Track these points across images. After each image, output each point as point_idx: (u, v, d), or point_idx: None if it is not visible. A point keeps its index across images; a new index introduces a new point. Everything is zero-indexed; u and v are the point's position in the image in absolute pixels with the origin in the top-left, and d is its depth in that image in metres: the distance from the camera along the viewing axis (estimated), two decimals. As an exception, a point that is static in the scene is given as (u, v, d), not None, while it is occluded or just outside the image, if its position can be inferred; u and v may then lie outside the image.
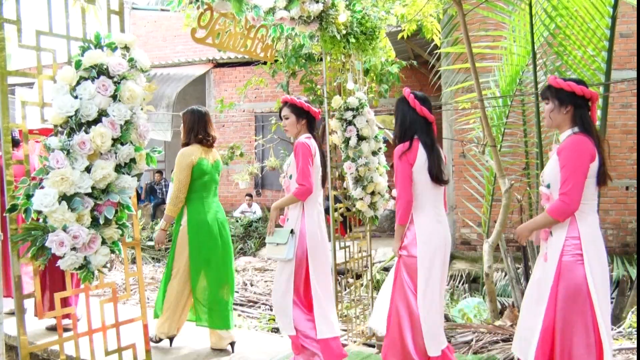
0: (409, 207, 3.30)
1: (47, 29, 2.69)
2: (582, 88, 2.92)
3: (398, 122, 3.44)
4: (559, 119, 2.99)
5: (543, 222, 2.95)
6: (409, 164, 3.28)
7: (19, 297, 2.56)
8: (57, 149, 2.52)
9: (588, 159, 2.85)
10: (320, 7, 4.09)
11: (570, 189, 2.82)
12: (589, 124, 2.94)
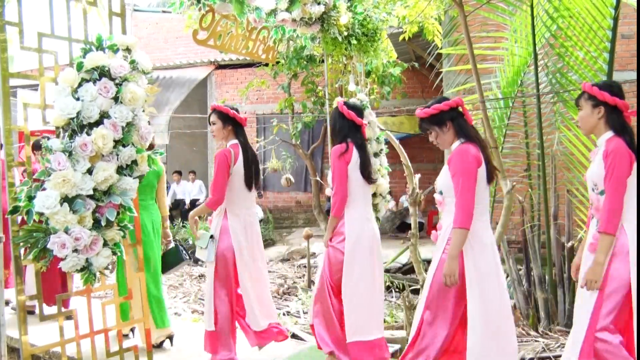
0: (344, 201, 3.67)
1: (49, 31, 2.69)
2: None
3: (333, 127, 3.86)
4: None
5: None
6: (345, 162, 3.65)
7: (21, 299, 2.56)
8: (58, 150, 2.52)
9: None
10: (322, 9, 4.10)
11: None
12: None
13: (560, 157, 6.01)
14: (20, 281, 2.57)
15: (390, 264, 8.93)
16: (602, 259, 2.85)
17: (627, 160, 2.86)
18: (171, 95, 12.53)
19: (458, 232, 3.00)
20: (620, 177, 2.85)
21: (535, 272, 5.75)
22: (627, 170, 2.86)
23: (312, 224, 12.25)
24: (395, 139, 6.70)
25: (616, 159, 2.86)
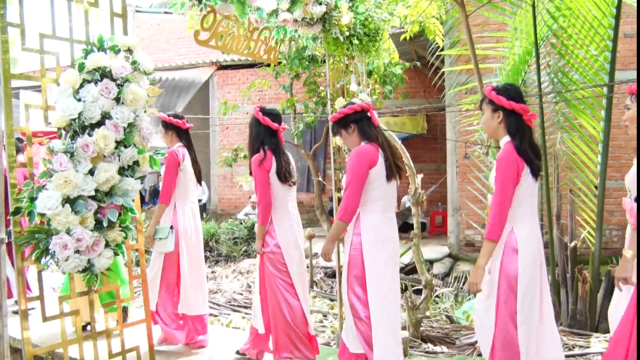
0: (268, 209, 3.80)
1: (50, 32, 2.70)
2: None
3: (250, 134, 4.00)
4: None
5: None
6: (265, 170, 3.77)
7: (23, 300, 2.56)
8: (60, 151, 2.52)
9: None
10: (323, 9, 4.09)
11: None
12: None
13: (563, 157, 6.01)
14: (22, 282, 2.57)
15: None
16: (483, 263, 2.90)
17: (513, 167, 2.89)
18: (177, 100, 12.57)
19: (338, 223, 3.35)
20: (504, 185, 2.88)
21: (537, 272, 5.73)
22: (511, 177, 2.90)
23: (314, 224, 12.25)
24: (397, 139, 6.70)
25: (501, 167, 2.92)
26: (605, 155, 5.48)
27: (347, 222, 3.33)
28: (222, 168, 12.95)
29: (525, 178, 2.93)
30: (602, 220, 5.53)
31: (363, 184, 3.28)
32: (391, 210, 3.47)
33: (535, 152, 3.03)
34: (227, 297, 7.92)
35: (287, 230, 3.86)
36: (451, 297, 7.57)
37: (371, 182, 3.30)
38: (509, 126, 3.02)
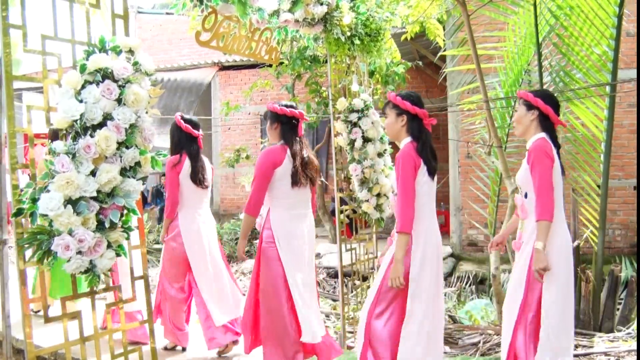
0: (175, 205, 4.31)
1: (52, 33, 2.70)
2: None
3: (172, 138, 4.41)
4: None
5: None
6: (176, 173, 4.25)
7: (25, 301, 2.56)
8: (62, 152, 2.52)
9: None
10: (325, 10, 4.09)
11: None
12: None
13: (566, 157, 5.99)
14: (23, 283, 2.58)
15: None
16: (399, 257, 3.10)
17: (411, 163, 3.14)
18: (180, 102, 12.57)
19: (244, 217, 3.66)
20: (404, 179, 3.12)
21: (540, 271, 5.72)
22: (410, 172, 3.14)
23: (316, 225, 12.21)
24: (399, 139, 6.70)
25: (399, 163, 3.16)
26: (607, 155, 5.46)
27: (251, 215, 3.60)
28: (225, 169, 12.94)
29: (422, 176, 3.19)
30: (605, 220, 5.52)
31: (267, 180, 3.61)
32: (302, 207, 3.78)
33: (433, 154, 3.29)
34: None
35: (191, 226, 4.31)
36: (454, 297, 7.57)
37: (276, 181, 3.62)
38: (411, 129, 3.28)
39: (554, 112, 3.24)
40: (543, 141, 3.16)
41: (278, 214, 3.65)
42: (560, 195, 3.16)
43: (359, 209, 4.70)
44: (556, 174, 3.12)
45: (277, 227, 3.63)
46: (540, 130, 3.23)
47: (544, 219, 3.02)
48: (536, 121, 3.24)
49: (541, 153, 3.11)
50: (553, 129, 3.28)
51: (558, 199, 3.13)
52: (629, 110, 8.53)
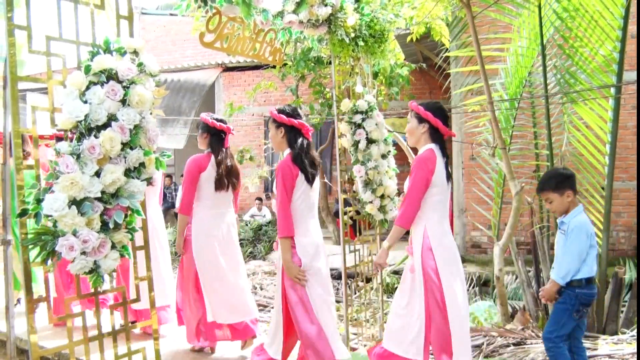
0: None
1: (57, 34, 2.70)
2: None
3: None
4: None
5: None
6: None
7: (29, 301, 2.57)
8: (67, 153, 2.53)
9: None
10: (329, 11, 4.09)
11: None
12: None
13: (570, 158, 5.98)
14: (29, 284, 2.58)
15: (398, 266, 8.91)
16: (288, 257, 3.52)
17: (288, 174, 3.51)
18: (183, 102, 12.59)
19: (179, 217, 4.22)
20: (282, 189, 3.49)
21: (544, 273, 5.72)
22: (289, 182, 3.51)
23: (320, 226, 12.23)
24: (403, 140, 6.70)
25: (278, 174, 3.52)
26: (612, 156, 5.45)
27: (184, 214, 4.19)
28: (228, 170, 12.93)
29: (300, 184, 3.54)
30: (610, 222, 5.50)
31: (194, 183, 4.18)
32: (222, 207, 4.32)
33: (311, 162, 3.62)
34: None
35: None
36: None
37: (202, 184, 4.18)
38: (290, 140, 3.63)
39: (443, 124, 3.44)
40: (427, 153, 3.37)
41: (201, 213, 4.20)
42: (441, 202, 3.40)
43: (363, 211, 4.69)
44: (437, 183, 3.33)
45: (197, 224, 4.19)
46: (430, 142, 3.43)
47: (399, 224, 3.34)
48: (427, 133, 3.44)
49: (420, 164, 3.35)
50: (443, 140, 3.46)
51: (440, 204, 3.39)
52: (634, 112, 8.50)
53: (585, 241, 3.33)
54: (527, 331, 5.04)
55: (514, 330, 5.09)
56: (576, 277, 3.32)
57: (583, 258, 3.32)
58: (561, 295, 3.40)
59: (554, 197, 3.48)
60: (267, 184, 13.76)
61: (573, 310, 3.32)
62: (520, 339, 4.78)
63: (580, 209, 3.47)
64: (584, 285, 3.32)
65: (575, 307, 3.32)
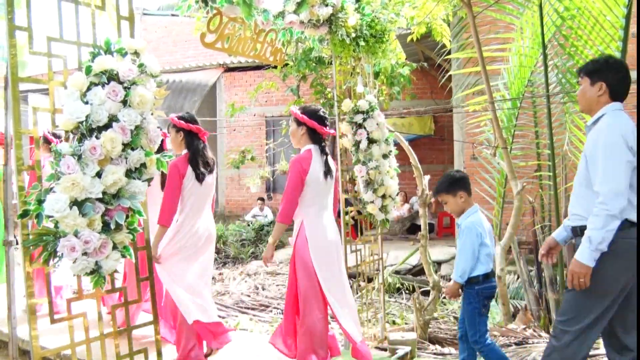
0: None
1: (57, 35, 2.71)
2: None
3: None
4: None
5: None
6: None
7: (31, 302, 2.57)
8: (68, 154, 2.53)
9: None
10: (330, 11, 4.09)
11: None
12: None
13: (571, 157, 5.98)
14: (30, 284, 2.58)
15: (400, 266, 8.92)
16: (156, 242, 3.87)
17: (176, 172, 3.88)
18: (184, 102, 12.61)
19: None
20: (168, 186, 3.88)
21: (546, 273, 5.71)
22: (175, 181, 3.88)
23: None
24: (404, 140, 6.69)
25: (169, 172, 3.83)
26: (613, 156, 5.43)
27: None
28: (230, 170, 12.96)
29: (187, 182, 3.92)
30: (611, 221, 5.48)
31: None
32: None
33: (204, 162, 4.01)
34: (234, 299, 7.93)
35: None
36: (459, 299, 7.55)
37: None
38: (187, 143, 4.01)
39: (320, 125, 3.79)
40: (304, 153, 3.77)
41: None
42: (318, 197, 3.78)
43: (364, 210, 4.69)
44: (311, 180, 3.70)
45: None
46: (309, 143, 3.81)
47: (279, 221, 3.74)
48: (306, 135, 3.82)
49: (294, 164, 3.72)
50: (321, 140, 3.84)
51: (315, 200, 3.77)
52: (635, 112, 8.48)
53: (476, 240, 3.46)
54: (528, 330, 5.04)
55: (516, 329, 5.09)
56: (473, 275, 3.46)
57: (476, 256, 3.47)
58: (464, 293, 3.57)
59: (448, 199, 3.65)
60: (268, 184, 13.76)
61: (480, 307, 3.48)
62: (522, 338, 4.78)
63: (473, 210, 3.62)
64: (482, 281, 3.47)
65: (480, 303, 3.48)
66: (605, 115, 2.90)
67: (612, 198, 2.66)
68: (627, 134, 2.74)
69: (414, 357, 4.45)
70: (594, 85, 2.95)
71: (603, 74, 2.94)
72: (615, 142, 2.73)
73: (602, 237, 2.68)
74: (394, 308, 7.36)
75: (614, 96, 2.95)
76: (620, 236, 2.72)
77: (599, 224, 2.68)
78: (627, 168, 2.69)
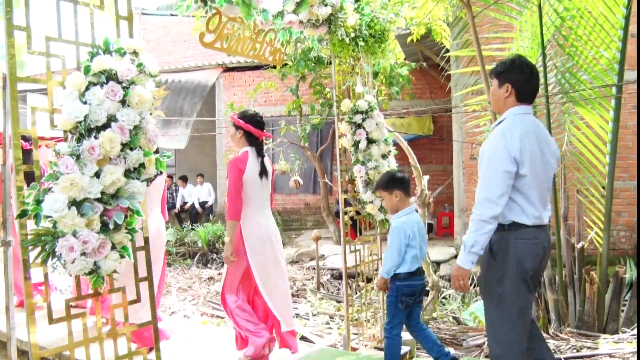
0: None
1: (56, 35, 2.70)
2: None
3: None
4: None
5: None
6: None
7: (29, 303, 2.56)
8: (66, 154, 2.52)
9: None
10: (329, 11, 4.09)
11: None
12: None
13: (570, 158, 5.98)
14: (28, 284, 2.58)
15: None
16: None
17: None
18: (184, 103, 12.60)
19: None
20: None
21: (545, 273, 5.71)
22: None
23: (320, 226, 12.24)
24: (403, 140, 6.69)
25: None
26: (613, 156, 5.45)
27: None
28: (229, 170, 12.93)
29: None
30: (610, 221, 5.50)
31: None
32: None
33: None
34: (233, 299, 7.90)
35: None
36: (458, 299, 7.55)
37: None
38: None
39: (255, 129, 4.00)
40: (240, 155, 3.97)
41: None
42: (255, 196, 3.97)
43: (363, 211, 4.69)
44: (248, 180, 3.90)
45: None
46: (247, 145, 4.01)
47: (229, 218, 3.87)
48: (243, 138, 4.00)
49: (231, 166, 3.89)
50: (258, 143, 4.04)
51: (252, 199, 3.96)
52: (634, 112, 8.49)
53: (403, 240, 3.66)
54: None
55: (515, 330, 5.07)
56: (397, 272, 3.68)
57: (402, 255, 3.68)
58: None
59: (384, 195, 3.88)
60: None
61: (397, 301, 3.70)
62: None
63: (407, 211, 3.79)
64: (404, 279, 3.68)
65: (399, 298, 3.69)
66: (504, 120, 2.98)
67: (484, 205, 2.81)
68: (512, 144, 2.82)
69: (413, 357, 4.45)
70: (502, 86, 3.01)
71: (509, 75, 2.98)
72: (496, 152, 2.84)
73: (475, 241, 2.83)
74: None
75: (520, 97, 3.00)
76: (514, 236, 2.88)
77: (472, 227, 2.84)
78: (504, 177, 2.81)
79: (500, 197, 2.81)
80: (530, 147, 2.86)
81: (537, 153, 2.89)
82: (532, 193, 2.89)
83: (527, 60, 3.05)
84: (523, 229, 2.89)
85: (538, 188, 2.90)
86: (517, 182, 2.85)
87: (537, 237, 2.92)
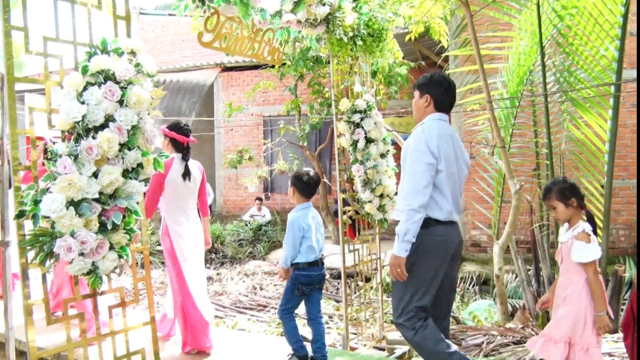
0: None
1: (53, 35, 2.69)
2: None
3: None
4: None
5: None
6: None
7: (27, 303, 2.56)
8: (64, 154, 2.52)
9: None
10: (327, 10, 4.08)
11: None
12: None
13: (569, 156, 5.98)
14: (25, 285, 2.57)
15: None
16: None
17: None
18: (182, 103, 12.58)
19: None
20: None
21: (544, 272, 5.71)
22: None
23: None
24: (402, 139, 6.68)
25: None
26: (612, 155, 5.44)
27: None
28: (227, 170, 12.94)
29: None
30: (609, 220, 5.50)
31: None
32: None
33: None
34: (232, 299, 7.92)
35: None
36: (457, 298, 7.55)
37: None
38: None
39: (179, 135, 4.32)
40: (168, 160, 4.24)
41: None
42: (177, 198, 4.30)
43: (362, 210, 4.68)
44: (170, 183, 4.22)
45: None
46: (173, 151, 4.34)
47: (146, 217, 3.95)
48: (170, 145, 4.35)
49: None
50: (184, 149, 4.36)
51: (174, 199, 4.28)
52: (633, 110, 8.50)
53: (298, 233, 3.87)
54: (527, 330, 5.04)
55: (514, 329, 5.08)
56: (297, 261, 3.89)
57: (297, 247, 3.88)
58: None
59: (289, 191, 4.12)
60: (266, 184, 13.75)
61: (294, 288, 3.89)
62: (520, 337, 4.77)
63: (301, 207, 3.98)
64: (302, 268, 3.88)
65: (295, 285, 3.89)
66: (424, 123, 3.31)
67: (412, 195, 3.09)
68: (430, 140, 3.16)
69: (412, 356, 4.45)
70: (422, 97, 3.40)
71: (428, 87, 3.38)
72: (418, 147, 3.18)
73: (407, 229, 3.07)
74: (392, 307, 7.33)
75: (438, 107, 3.36)
76: (427, 233, 3.15)
77: (403, 218, 3.09)
78: (428, 169, 3.12)
79: (426, 187, 3.10)
80: (446, 146, 3.20)
81: (452, 154, 3.25)
82: (446, 189, 3.20)
83: (445, 75, 3.42)
84: (434, 225, 3.19)
85: (451, 187, 3.23)
86: (434, 177, 3.16)
87: (447, 234, 3.23)
